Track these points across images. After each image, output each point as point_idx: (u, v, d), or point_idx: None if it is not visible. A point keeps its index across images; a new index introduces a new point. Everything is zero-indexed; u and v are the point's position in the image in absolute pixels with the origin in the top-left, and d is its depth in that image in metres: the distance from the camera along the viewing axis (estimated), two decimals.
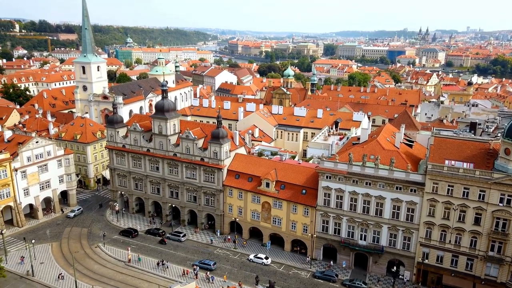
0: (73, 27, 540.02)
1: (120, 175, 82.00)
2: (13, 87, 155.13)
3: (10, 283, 57.52)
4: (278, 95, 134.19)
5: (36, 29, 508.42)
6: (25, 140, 76.11)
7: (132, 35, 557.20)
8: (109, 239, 71.50)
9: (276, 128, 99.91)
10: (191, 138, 72.21)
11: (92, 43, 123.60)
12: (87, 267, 62.89)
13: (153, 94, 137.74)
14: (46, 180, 79.33)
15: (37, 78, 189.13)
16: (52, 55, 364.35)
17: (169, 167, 76.20)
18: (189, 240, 72.36)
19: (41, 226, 75.96)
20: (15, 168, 73.01)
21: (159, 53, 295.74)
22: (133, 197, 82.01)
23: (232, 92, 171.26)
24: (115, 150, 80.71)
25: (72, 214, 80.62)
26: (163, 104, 74.76)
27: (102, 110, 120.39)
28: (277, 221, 68.42)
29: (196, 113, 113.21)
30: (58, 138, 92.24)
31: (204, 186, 73.35)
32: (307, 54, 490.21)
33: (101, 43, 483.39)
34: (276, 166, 69.81)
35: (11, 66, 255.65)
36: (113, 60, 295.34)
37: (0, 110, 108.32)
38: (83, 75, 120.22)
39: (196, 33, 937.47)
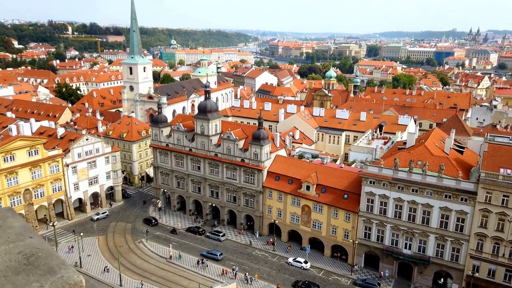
0: (121, 29, 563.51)
1: (163, 173, 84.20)
2: (66, 87, 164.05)
3: None
4: (319, 97, 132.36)
5: (87, 32, 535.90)
6: (76, 137, 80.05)
7: (175, 37, 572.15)
8: (152, 235, 73.57)
9: (317, 131, 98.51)
10: (232, 139, 72.75)
11: (139, 45, 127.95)
12: (131, 261, 65.06)
13: (195, 95, 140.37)
14: (94, 176, 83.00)
15: (87, 78, 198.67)
16: (101, 56, 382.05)
17: (210, 167, 77.21)
18: (228, 240, 72.94)
19: (89, 220, 79.53)
20: (66, 163, 76.98)
21: (201, 55, 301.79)
22: (175, 195, 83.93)
23: (272, 93, 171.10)
24: (159, 149, 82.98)
25: (95, 217, 79.03)
26: (205, 105, 75.91)
27: (147, 109, 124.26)
28: (317, 225, 67.33)
29: (237, 114, 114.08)
30: (106, 136, 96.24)
31: (244, 187, 73.63)
32: (349, 55, 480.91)
33: (147, 45, 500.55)
34: (317, 169, 68.74)
35: (64, 66, 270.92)
36: (158, 61, 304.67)
37: (54, 108, 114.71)
38: (130, 75, 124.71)
39: (237, 35, 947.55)
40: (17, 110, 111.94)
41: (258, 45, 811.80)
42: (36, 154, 71.90)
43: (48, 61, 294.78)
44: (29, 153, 70.89)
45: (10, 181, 68.67)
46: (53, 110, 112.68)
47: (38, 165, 72.19)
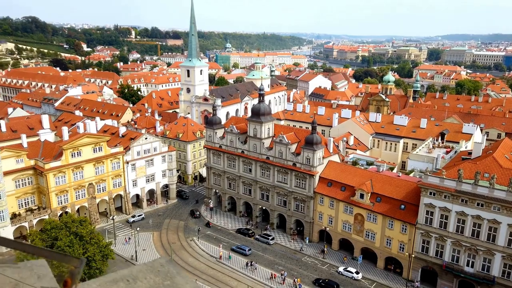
0: (179, 33, 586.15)
1: (215, 173, 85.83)
2: (128, 88, 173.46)
3: (117, 265, 63.76)
4: (375, 101, 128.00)
5: (148, 36, 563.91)
6: (136, 136, 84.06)
7: (231, 40, 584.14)
8: (203, 234, 75.16)
9: (373, 137, 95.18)
10: (284, 143, 72.38)
11: (197, 48, 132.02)
12: (183, 258, 66.90)
13: (249, 98, 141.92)
14: (151, 174, 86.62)
15: (147, 80, 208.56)
16: (160, 59, 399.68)
17: (262, 170, 77.40)
18: (277, 244, 72.55)
19: (145, 215, 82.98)
20: (126, 161, 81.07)
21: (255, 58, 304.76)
22: (226, 196, 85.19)
23: (325, 97, 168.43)
24: (212, 150, 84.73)
25: (131, 220, 78.99)
26: (259, 107, 76.27)
27: (202, 111, 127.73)
28: (370, 235, 64.84)
29: (289, 118, 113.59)
30: (163, 136, 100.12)
31: (295, 192, 72.89)
32: (408, 59, 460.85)
33: (203, 48, 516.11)
34: (372, 177, 66.27)
35: (127, 68, 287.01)
36: (213, 64, 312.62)
37: (117, 108, 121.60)
38: (187, 78, 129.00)
39: (291, 38, 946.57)
40: (84, 109, 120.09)
41: (312, 48, 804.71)
42: (100, 151, 76.51)
43: (112, 63, 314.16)
44: (93, 150, 75.62)
45: (76, 175, 73.66)
46: (116, 109, 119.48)
47: (101, 161, 76.74)
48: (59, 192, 71.54)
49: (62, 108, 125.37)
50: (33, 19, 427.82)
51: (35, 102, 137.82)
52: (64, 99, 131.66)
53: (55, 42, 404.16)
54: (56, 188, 70.86)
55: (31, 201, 71.69)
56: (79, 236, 55.92)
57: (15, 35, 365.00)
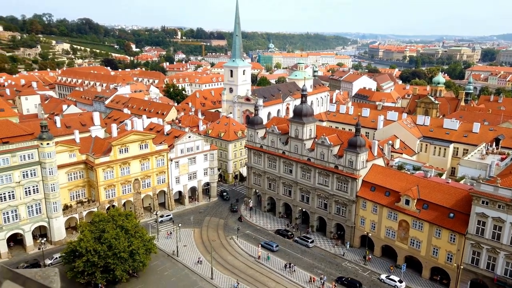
0: (223, 34, 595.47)
1: (255, 173, 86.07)
2: (173, 87, 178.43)
3: (159, 259, 65.77)
4: (423, 104, 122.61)
5: (193, 36, 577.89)
6: (180, 135, 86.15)
7: (274, 40, 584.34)
8: (242, 233, 75.60)
9: (421, 141, 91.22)
10: (326, 144, 71.12)
11: (240, 48, 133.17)
12: (222, 256, 67.66)
13: (290, 98, 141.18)
14: (193, 172, 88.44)
15: (192, 79, 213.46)
16: (204, 59, 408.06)
17: (302, 171, 76.58)
18: (316, 247, 71.47)
19: (187, 212, 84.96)
20: (170, 158, 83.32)
21: (298, 58, 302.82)
22: (265, 196, 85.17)
23: (370, 98, 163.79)
24: (253, 150, 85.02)
25: (160, 219, 77.87)
26: (301, 108, 75.52)
27: (244, 111, 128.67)
28: (415, 243, 62.12)
29: (332, 119, 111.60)
30: (206, 135, 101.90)
31: (336, 195, 71.42)
32: (459, 59, 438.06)
33: (246, 49, 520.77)
34: (419, 182, 63.47)
35: (172, 68, 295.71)
36: (256, 64, 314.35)
37: (162, 107, 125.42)
38: (230, 78, 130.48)
39: (335, 38, 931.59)
40: (132, 107, 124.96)
41: (356, 48, 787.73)
42: (146, 148, 79.20)
43: (159, 63, 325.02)
44: (140, 147, 78.39)
45: (123, 171, 76.72)
46: (161, 108, 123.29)
47: (147, 158, 79.42)
48: (107, 186, 74.87)
49: (112, 106, 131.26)
50: (87, 21, 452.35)
51: (87, 100, 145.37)
52: (114, 97, 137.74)
53: (106, 42, 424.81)
54: (105, 182, 74.21)
55: (82, 194, 75.60)
56: (124, 230, 58.21)
57: (70, 36, 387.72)
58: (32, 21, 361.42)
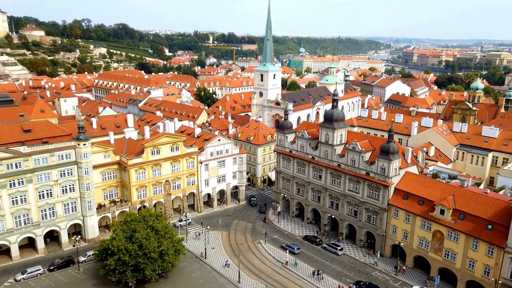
0: (254, 38, 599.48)
1: (284, 178, 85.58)
2: (204, 91, 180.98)
3: (187, 260, 66.50)
4: (460, 110, 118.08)
5: (225, 41, 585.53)
6: (210, 138, 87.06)
7: (305, 45, 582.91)
8: (270, 238, 75.25)
9: (457, 148, 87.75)
10: (357, 150, 69.76)
11: (271, 53, 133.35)
12: (249, 260, 67.54)
13: (321, 103, 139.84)
14: (222, 175, 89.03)
15: (222, 83, 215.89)
16: (235, 63, 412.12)
17: (332, 177, 75.44)
18: (345, 255, 70.04)
19: (215, 215, 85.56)
20: (200, 161, 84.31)
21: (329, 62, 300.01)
22: (294, 201, 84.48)
23: (403, 104, 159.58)
24: (282, 154, 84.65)
25: (178, 224, 78.20)
26: (332, 113, 74.53)
27: (273, 115, 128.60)
28: (450, 254, 59.62)
29: (363, 124, 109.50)
30: (235, 138, 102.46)
31: (367, 202, 69.79)
32: (499, 64, 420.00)
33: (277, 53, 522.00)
34: (455, 192, 60.97)
35: (204, 72, 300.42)
36: (286, 68, 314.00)
37: (193, 110, 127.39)
38: (260, 82, 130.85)
39: (367, 42, 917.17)
40: (164, 109, 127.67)
41: (390, 53, 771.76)
42: (177, 150, 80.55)
43: (191, 67, 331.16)
44: (171, 149, 79.82)
45: (155, 172, 78.32)
46: (192, 111, 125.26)
47: (177, 160, 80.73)
48: (139, 187, 76.64)
49: (145, 109, 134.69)
50: (123, 26, 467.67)
51: (122, 102, 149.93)
52: (147, 100, 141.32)
53: (141, 47, 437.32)
54: (137, 183, 76.02)
55: (115, 194, 77.74)
56: (155, 230, 59.29)
57: (107, 40, 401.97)
58: (72, 27, 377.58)
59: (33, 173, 63.38)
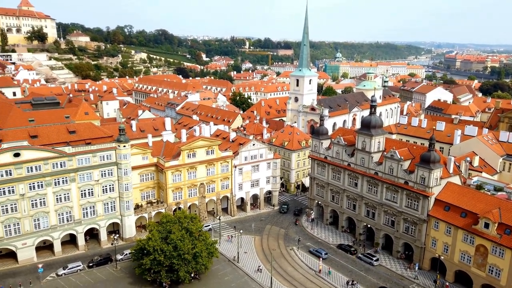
0: (290, 43, 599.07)
1: (318, 184, 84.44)
2: (239, 95, 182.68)
3: (220, 263, 66.91)
4: (507, 119, 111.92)
5: (261, 46, 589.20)
6: (245, 142, 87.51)
7: (341, 50, 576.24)
8: (303, 245, 74.33)
9: (504, 159, 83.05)
10: (396, 158, 67.63)
11: (307, 58, 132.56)
12: (282, 266, 66.96)
13: (357, 109, 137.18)
14: (256, 179, 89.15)
15: (257, 88, 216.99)
16: (270, 68, 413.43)
17: (368, 185, 73.55)
18: (381, 266, 67.88)
19: (248, 219, 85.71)
20: (234, 165, 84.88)
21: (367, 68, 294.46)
22: (328, 209, 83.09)
23: (445, 111, 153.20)
24: (317, 160, 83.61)
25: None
26: (370, 119, 72.86)
27: (308, 120, 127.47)
28: (494, 271, 56.30)
29: (402, 132, 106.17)
30: (270, 143, 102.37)
31: (405, 212, 67.38)
32: None
33: (313, 58, 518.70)
34: (501, 204, 57.64)
35: (239, 77, 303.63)
36: (322, 73, 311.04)
37: (228, 114, 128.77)
38: (296, 87, 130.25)
39: (407, 47, 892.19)
40: (201, 113, 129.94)
41: (431, 58, 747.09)
42: (212, 153, 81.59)
43: (227, 72, 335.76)
44: (206, 152, 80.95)
45: (190, 175, 79.70)
46: (228, 115, 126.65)
47: (212, 164, 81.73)
48: (175, 189, 78.21)
49: (182, 112, 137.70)
50: (163, 32, 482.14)
51: (160, 106, 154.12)
52: (184, 104, 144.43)
53: (179, 52, 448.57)
54: (173, 185, 77.62)
55: (151, 195, 79.77)
56: (189, 232, 60.19)
57: (147, 46, 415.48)
58: (115, 33, 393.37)
59: (76, 172, 66.32)
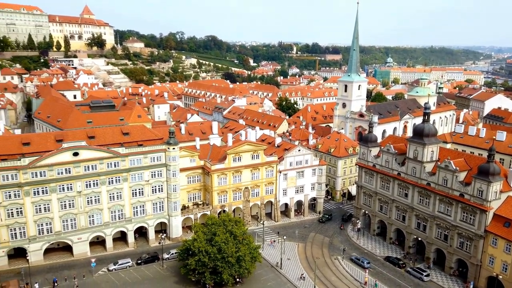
0: (339, 48, 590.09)
1: (366, 193, 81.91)
2: (286, 101, 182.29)
3: (263, 268, 66.75)
4: None
5: (308, 51, 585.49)
6: (290, 147, 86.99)
7: (392, 55, 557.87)
8: (348, 254, 72.30)
9: None
10: (451, 169, 63.98)
11: (357, 63, 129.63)
12: (326, 275, 65.52)
13: (409, 116, 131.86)
14: (300, 185, 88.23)
15: (304, 93, 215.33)
16: (318, 73, 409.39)
17: (420, 196, 70.17)
18: (432, 281, 64.31)
19: (291, 225, 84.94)
20: (279, 170, 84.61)
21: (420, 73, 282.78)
22: (375, 219, 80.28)
23: (506, 120, 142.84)
24: (364, 168, 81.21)
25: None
26: (423, 127, 69.67)
27: (356, 127, 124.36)
28: None
29: (458, 141, 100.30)
30: (315, 149, 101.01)
31: (460, 227, 63.42)
32: None
33: (362, 63, 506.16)
34: None
35: (286, 82, 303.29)
36: (371, 79, 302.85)
37: (274, 119, 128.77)
38: (344, 93, 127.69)
39: (464, 52, 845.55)
40: (247, 118, 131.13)
41: (490, 63, 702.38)
42: (257, 158, 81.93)
43: (273, 77, 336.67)
44: (252, 157, 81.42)
45: (235, 178, 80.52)
46: (273, 120, 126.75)
47: (257, 168, 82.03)
48: (220, 192, 79.37)
49: (229, 117, 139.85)
50: (212, 38, 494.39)
51: (208, 110, 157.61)
52: (231, 108, 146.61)
53: (227, 58, 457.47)
54: (218, 188, 78.84)
55: (198, 197, 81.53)
56: (233, 235, 60.69)
57: (197, 51, 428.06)
58: (168, 39, 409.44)
59: (128, 172, 69.39)
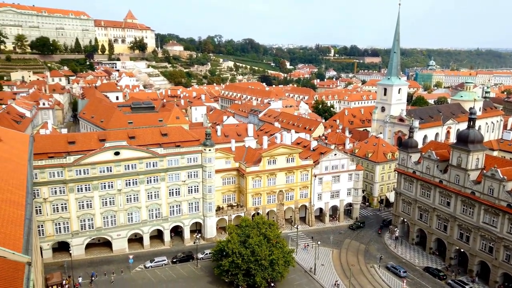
0: (378, 50, 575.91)
1: (405, 201, 79.16)
2: (322, 104, 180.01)
3: (296, 273, 66.04)
4: None
5: (346, 53, 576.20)
6: (326, 151, 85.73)
7: (435, 57, 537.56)
8: (385, 263, 70.05)
9: None
10: (498, 178, 60.49)
11: (398, 66, 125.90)
12: (361, 283, 63.84)
13: (452, 121, 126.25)
14: (336, 190, 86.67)
15: (341, 97, 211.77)
16: (356, 76, 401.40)
17: (463, 206, 66.84)
18: None
19: (326, 231, 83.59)
20: (314, 174, 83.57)
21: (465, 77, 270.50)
22: (415, 227, 77.34)
23: None
24: (404, 175, 78.55)
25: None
26: (468, 134, 66.42)
27: (396, 132, 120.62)
28: None
29: (506, 149, 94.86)
30: (352, 154, 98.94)
31: (507, 239, 59.74)
32: None
33: (402, 66, 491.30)
34: None
35: (322, 85, 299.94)
36: (412, 82, 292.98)
37: (310, 123, 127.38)
38: (383, 96, 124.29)
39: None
40: (282, 121, 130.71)
41: None
42: (292, 161, 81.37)
43: (310, 80, 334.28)
44: (287, 160, 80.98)
45: (269, 181, 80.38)
46: (309, 124, 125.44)
47: (292, 171, 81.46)
48: (254, 194, 79.49)
49: (264, 119, 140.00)
50: (249, 41, 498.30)
51: (244, 112, 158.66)
52: (267, 111, 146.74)
53: (264, 60, 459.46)
54: (253, 190, 78.99)
55: (232, 198, 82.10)
56: (267, 238, 60.49)
57: (235, 54, 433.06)
58: (206, 42, 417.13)
59: (166, 172, 71.07)
